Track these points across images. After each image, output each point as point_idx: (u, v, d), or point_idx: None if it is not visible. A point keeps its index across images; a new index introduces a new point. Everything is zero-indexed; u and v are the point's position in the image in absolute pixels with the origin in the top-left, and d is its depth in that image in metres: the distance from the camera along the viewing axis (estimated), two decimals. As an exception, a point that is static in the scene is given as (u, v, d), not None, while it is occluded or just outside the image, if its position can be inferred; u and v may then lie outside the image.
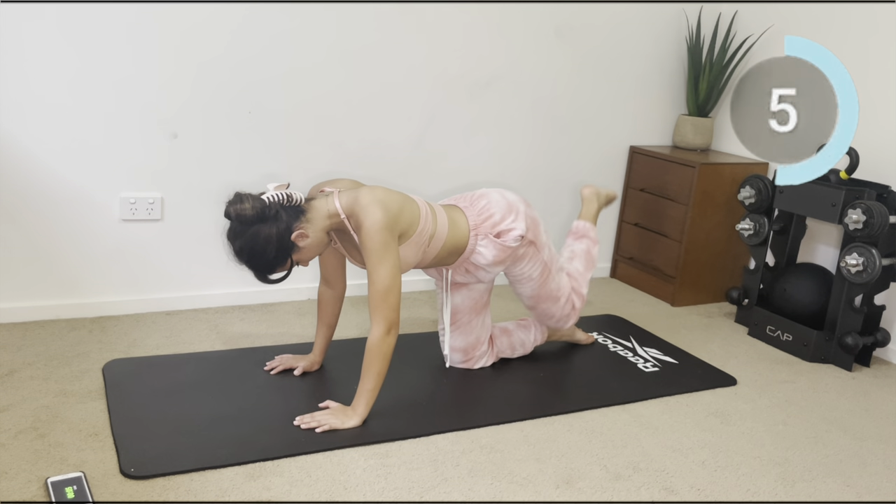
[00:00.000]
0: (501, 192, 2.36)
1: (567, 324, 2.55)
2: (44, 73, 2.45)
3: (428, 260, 2.23)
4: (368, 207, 2.01)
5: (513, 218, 2.28)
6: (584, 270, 2.61)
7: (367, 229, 1.99)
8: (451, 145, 3.18)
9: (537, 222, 2.37)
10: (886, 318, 2.91)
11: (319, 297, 2.36)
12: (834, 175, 2.82)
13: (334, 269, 2.32)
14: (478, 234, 2.26)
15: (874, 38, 2.95)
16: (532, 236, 2.32)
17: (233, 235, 2.00)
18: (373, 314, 2.02)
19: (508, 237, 2.26)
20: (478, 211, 2.28)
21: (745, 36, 3.44)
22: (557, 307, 2.48)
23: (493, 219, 2.27)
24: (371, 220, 1.99)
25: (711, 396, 2.47)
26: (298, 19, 2.75)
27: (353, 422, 2.05)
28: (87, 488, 1.69)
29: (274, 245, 1.98)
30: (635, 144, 3.60)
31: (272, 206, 1.99)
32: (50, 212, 2.57)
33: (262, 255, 1.99)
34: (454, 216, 2.26)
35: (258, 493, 1.76)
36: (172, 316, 2.77)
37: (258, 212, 1.96)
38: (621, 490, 1.90)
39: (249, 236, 1.97)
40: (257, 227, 1.96)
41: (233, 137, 2.77)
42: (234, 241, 2.00)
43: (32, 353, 2.36)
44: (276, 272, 2.05)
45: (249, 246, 1.98)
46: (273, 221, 1.98)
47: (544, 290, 2.42)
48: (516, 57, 3.21)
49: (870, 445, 2.24)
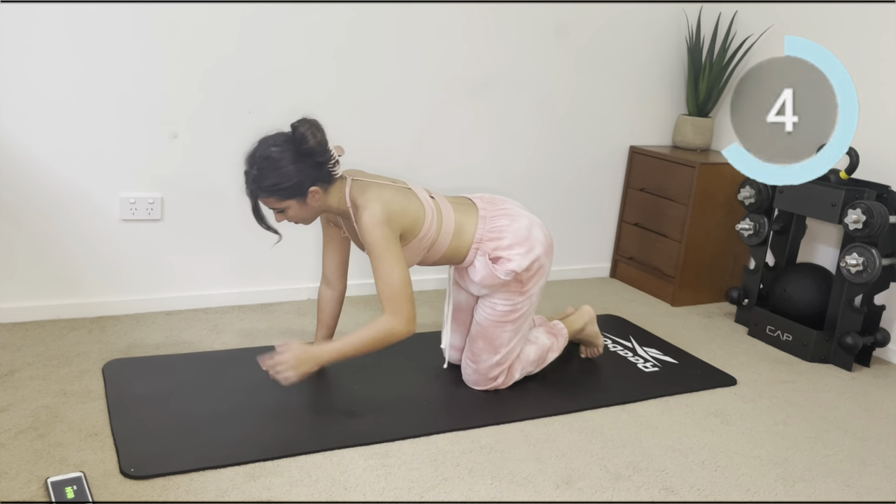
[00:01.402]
0: (532, 223, 2.25)
1: (478, 385, 2.32)
2: (43, 74, 2.44)
3: (428, 263, 2.24)
4: (368, 203, 2.03)
5: (521, 251, 2.18)
6: (531, 362, 2.39)
7: (365, 224, 2.01)
8: (451, 145, 3.18)
9: (541, 274, 2.24)
10: (886, 318, 2.91)
11: (319, 296, 2.36)
12: (834, 175, 2.82)
13: (337, 268, 2.32)
14: (478, 248, 2.20)
15: (874, 38, 2.95)
16: (526, 278, 2.21)
17: (275, 141, 1.98)
18: (390, 310, 2.00)
19: (502, 267, 2.17)
20: (491, 227, 2.20)
21: (745, 36, 3.44)
22: (490, 360, 2.28)
23: (500, 242, 2.19)
24: (368, 214, 2.01)
25: (711, 396, 2.47)
26: (299, 19, 2.75)
27: (308, 367, 2.00)
28: (87, 488, 1.69)
29: (294, 182, 1.97)
30: (635, 144, 3.60)
31: (325, 155, 1.99)
32: (50, 212, 2.57)
33: (278, 177, 1.96)
34: (463, 221, 2.20)
35: (258, 493, 1.76)
36: (172, 316, 2.77)
37: (316, 149, 1.97)
38: (621, 490, 1.90)
39: (287, 157, 1.96)
40: (299, 157, 1.96)
41: (233, 137, 2.77)
42: (269, 146, 1.98)
43: (32, 353, 2.36)
44: (269, 198, 2.01)
45: (278, 163, 1.96)
46: (312, 165, 1.99)
47: (495, 331, 2.26)
48: (516, 57, 3.21)
49: (870, 445, 2.24)
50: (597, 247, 3.68)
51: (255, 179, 2.00)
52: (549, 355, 2.47)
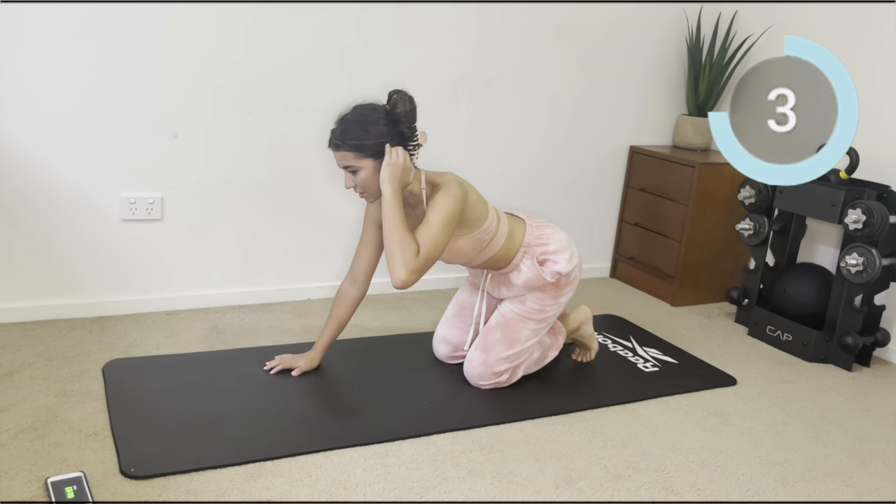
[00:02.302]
0: (570, 237, 2.39)
1: (482, 380, 2.33)
2: (44, 74, 2.44)
3: (480, 261, 2.28)
4: (450, 183, 2.11)
5: (566, 256, 2.30)
6: (534, 362, 2.44)
7: (442, 196, 2.08)
8: (452, 145, 3.18)
9: (573, 284, 2.37)
10: (886, 318, 2.91)
11: (341, 293, 2.33)
12: (834, 175, 2.82)
13: (366, 270, 2.31)
14: (526, 252, 2.29)
15: (874, 38, 2.95)
16: (564, 283, 2.32)
17: (371, 105, 2.10)
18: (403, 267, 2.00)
19: (549, 269, 2.28)
20: (538, 234, 2.32)
21: (745, 36, 3.44)
22: (502, 353, 2.31)
23: (547, 247, 2.30)
24: (447, 190, 2.09)
25: (711, 396, 2.47)
26: (299, 19, 2.75)
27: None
28: (87, 488, 1.69)
29: (377, 138, 2.05)
30: (635, 144, 3.60)
31: (411, 128, 2.11)
32: (50, 212, 2.57)
33: (366, 131, 2.05)
34: (514, 228, 2.30)
35: (258, 493, 1.76)
36: (172, 316, 2.77)
37: (404, 118, 2.08)
38: (621, 490, 1.90)
39: (376, 118, 2.06)
40: (388, 121, 2.07)
41: (233, 137, 2.77)
42: (365, 106, 2.10)
43: (32, 353, 2.36)
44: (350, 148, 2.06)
45: (367, 119, 2.06)
46: (397, 130, 2.08)
47: (517, 325, 2.31)
48: (516, 56, 3.21)
49: (870, 445, 2.24)
50: (597, 247, 3.68)
51: (341, 133, 2.08)
52: (550, 353, 2.51)
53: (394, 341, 2.66)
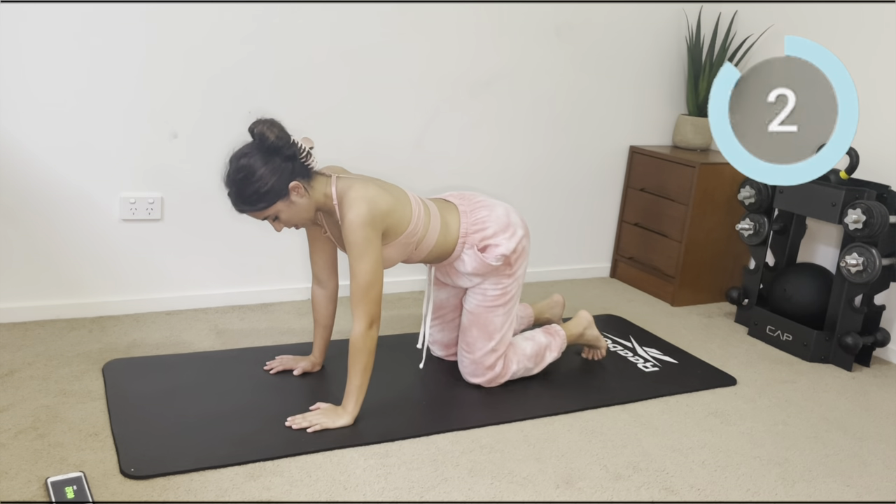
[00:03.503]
0: (508, 209, 2.31)
1: (476, 376, 2.35)
2: (44, 74, 2.44)
3: (417, 259, 2.25)
4: (355, 201, 2.01)
5: (506, 236, 2.24)
6: (528, 357, 2.41)
7: (350, 223, 2.00)
8: (452, 145, 3.18)
9: (525, 255, 2.32)
10: (886, 318, 2.91)
11: (313, 297, 2.35)
12: (834, 175, 2.82)
13: (326, 266, 2.32)
14: (465, 242, 2.24)
15: (874, 38, 2.95)
16: (513, 260, 2.27)
17: (241, 154, 1.99)
18: (354, 309, 2.03)
19: (491, 254, 2.23)
20: (474, 220, 2.25)
21: (745, 36, 3.44)
22: (485, 347, 2.31)
23: (485, 232, 2.24)
24: (354, 213, 2.00)
25: (711, 396, 2.47)
26: (299, 19, 2.75)
27: (344, 420, 2.05)
28: (87, 488, 1.69)
29: (272, 181, 1.97)
30: (635, 144, 3.60)
31: (292, 147, 1.99)
32: (50, 212, 2.57)
33: (255, 183, 1.96)
34: (448, 219, 2.24)
35: (258, 493, 1.76)
36: (172, 316, 2.77)
37: (279, 143, 1.96)
38: (621, 490, 1.90)
39: (255, 160, 1.96)
40: (268, 157, 1.97)
41: (233, 137, 2.76)
42: (238, 160, 1.99)
43: (32, 353, 2.36)
44: (257, 206, 2.00)
45: (250, 169, 1.96)
46: (283, 161, 1.98)
47: (487, 316, 2.30)
48: (517, 57, 3.21)
49: (870, 445, 2.24)
50: (597, 247, 3.68)
51: (237, 196, 2.01)
52: (548, 354, 2.47)
53: (394, 341, 2.66)
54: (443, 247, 2.23)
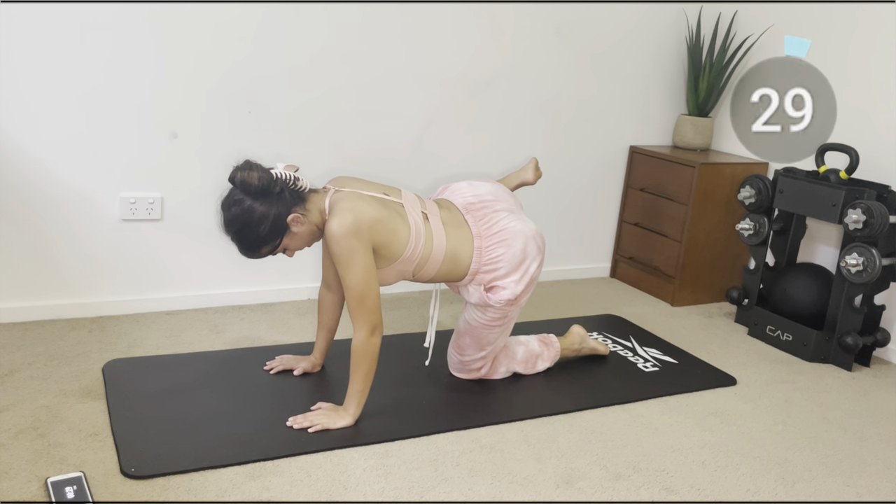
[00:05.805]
0: (527, 239, 2.19)
1: (461, 373, 2.40)
2: (44, 73, 2.44)
3: (420, 280, 2.20)
4: (339, 213, 1.98)
5: (516, 277, 2.17)
6: (518, 362, 2.44)
7: (331, 234, 1.96)
8: (452, 145, 3.18)
9: (534, 284, 2.25)
10: (886, 318, 2.91)
11: (320, 299, 2.36)
12: (834, 175, 2.82)
13: (335, 271, 2.32)
14: (473, 279, 2.19)
15: (873, 38, 2.95)
16: (518, 300, 2.23)
17: (230, 202, 1.97)
18: (353, 320, 2.01)
19: (496, 295, 2.18)
20: (487, 259, 2.16)
21: (745, 36, 3.44)
22: (475, 354, 2.34)
23: (496, 273, 2.17)
24: (336, 223, 1.96)
25: (711, 396, 2.47)
26: (299, 19, 2.75)
27: (345, 421, 2.04)
28: (87, 488, 1.69)
29: (269, 223, 1.96)
30: (635, 144, 3.60)
31: (278, 183, 1.97)
32: (50, 212, 2.57)
33: (253, 229, 1.96)
34: (458, 252, 2.15)
35: (258, 493, 1.76)
36: (172, 316, 2.77)
37: (264, 184, 1.94)
38: (621, 490, 1.90)
39: (247, 207, 1.94)
40: (258, 201, 1.95)
41: (232, 137, 2.77)
42: (229, 209, 1.97)
43: (32, 353, 2.36)
44: (262, 251, 2.01)
45: (245, 217, 1.95)
46: (275, 198, 1.96)
47: (482, 332, 2.29)
48: (517, 57, 3.21)
49: (870, 445, 2.24)
50: (597, 247, 3.69)
51: (240, 245, 2.01)
52: (539, 363, 2.48)
53: (394, 341, 2.66)
54: (448, 275, 2.19)
